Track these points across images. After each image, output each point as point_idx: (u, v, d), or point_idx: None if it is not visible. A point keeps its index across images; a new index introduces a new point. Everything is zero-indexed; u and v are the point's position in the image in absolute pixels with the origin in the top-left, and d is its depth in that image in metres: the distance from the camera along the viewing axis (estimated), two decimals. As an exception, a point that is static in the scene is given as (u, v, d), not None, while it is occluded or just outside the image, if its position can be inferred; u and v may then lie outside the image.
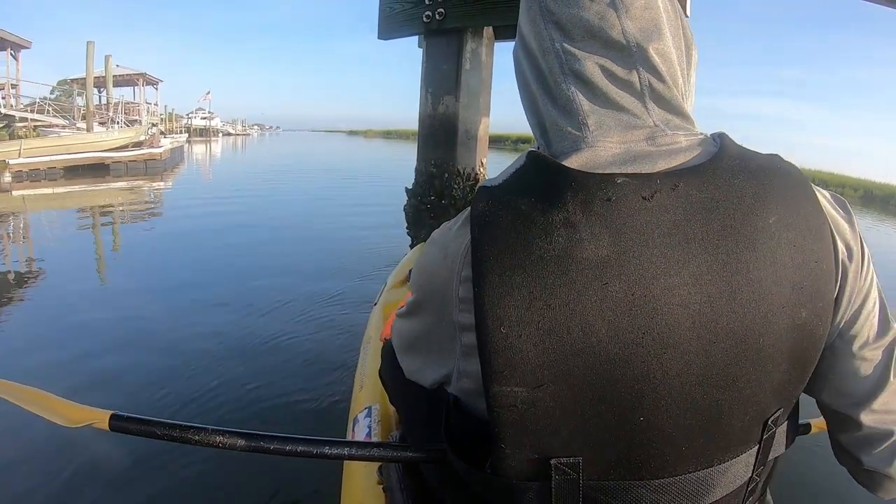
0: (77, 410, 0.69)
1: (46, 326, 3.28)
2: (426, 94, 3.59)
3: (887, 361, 0.53)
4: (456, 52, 3.36)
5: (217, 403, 2.30)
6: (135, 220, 7.42)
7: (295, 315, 3.41)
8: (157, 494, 1.71)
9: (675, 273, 0.43)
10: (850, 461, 0.58)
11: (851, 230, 0.51)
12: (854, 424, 0.54)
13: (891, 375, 0.53)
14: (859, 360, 0.53)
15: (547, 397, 0.43)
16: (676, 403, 0.44)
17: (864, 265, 0.51)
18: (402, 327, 0.63)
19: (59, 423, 0.68)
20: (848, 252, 0.50)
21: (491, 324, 0.42)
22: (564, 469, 0.45)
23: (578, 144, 0.49)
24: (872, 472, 0.55)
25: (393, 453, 0.69)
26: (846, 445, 0.57)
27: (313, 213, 8.04)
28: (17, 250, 5.49)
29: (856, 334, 0.52)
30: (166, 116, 28.17)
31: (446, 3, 3.32)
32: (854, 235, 0.51)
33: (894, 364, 0.53)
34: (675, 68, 0.51)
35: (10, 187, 10.21)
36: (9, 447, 1.89)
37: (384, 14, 3.75)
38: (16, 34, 16.33)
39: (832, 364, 0.53)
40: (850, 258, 0.50)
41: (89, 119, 16.52)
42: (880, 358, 0.53)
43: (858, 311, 0.52)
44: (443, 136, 3.47)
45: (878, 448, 0.54)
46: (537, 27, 0.52)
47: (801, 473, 1.91)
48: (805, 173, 0.49)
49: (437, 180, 3.48)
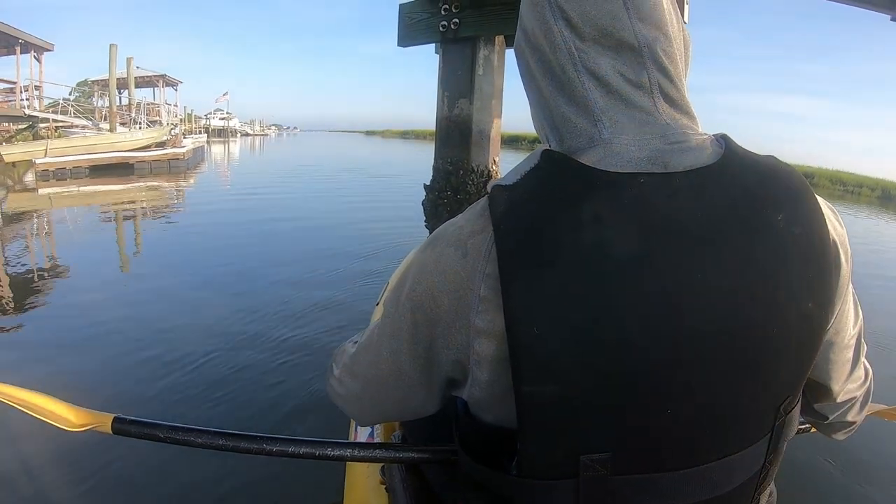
0: (79, 414, 0.69)
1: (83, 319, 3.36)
2: (443, 98, 3.87)
3: (858, 346, 0.59)
4: (470, 58, 3.63)
5: (214, 403, 2.32)
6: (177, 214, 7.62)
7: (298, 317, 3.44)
8: (159, 497, 1.72)
9: (698, 268, 0.43)
10: (818, 417, 0.66)
11: (840, 227, 0.53)
12: (829, 395, 0.61)
13: (860, 356, 0.60)
14: (844, 349, 0.58)
15: (579, 394, 0.43)
16: (702, 394, 0.45)
17: (850, 259, 0.53)
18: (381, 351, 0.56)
19: (61, 427, 0.68)
20: (841, 247, 0.52)
21: (523, 323, 0.42)
22: (593, 465, 0.45)
23: (593, 141, 0.49)
24: (834, 422, 0.66)
25: (395, 454, 0.68)
26: (818, 409, 0.64)
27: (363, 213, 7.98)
28: (42, 245, 5.63)
29: (843, 324, 0.56)
30: (185, 117, 28.30)
31: (461, 14, 3.60)
32: (842, 231, 0.53)
33: (862, 349, 0.60)
34: (679, 68, 0.52)
35: (36, 186, 10.37)
36: (8, 448, 1.88)
37: (404, 23, 4.03)
38: (39, 37, 16.51)
39: (824, 350, 0.55)
40: (843, 253, 0.52)
41: (112, 120, 16.78)
42: (854, 344, 0.59)
43: (845, 302, 0.55)
44: (458, 136, 3.76)
45: (842, 409, 0.64)
46: (546, 23, 0.51)
47: (801, 466, 2.03)
48: (824, 173, 0.59)
49: (453, 177, 3.77)
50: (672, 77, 0.51)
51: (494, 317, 0.46)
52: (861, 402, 0.65)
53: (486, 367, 0.48)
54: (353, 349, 0.62)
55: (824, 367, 0.58)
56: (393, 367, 0.55)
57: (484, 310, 0.46)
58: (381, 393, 0.59)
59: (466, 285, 0.47)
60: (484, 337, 0.47)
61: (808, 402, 0.63)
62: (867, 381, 0.64)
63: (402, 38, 4.02)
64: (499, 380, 0.47)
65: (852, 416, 0.65)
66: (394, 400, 0.59)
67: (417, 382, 0.55)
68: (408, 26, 3.92)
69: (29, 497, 1.71)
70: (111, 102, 17.34)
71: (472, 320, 0.47)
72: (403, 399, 0.58)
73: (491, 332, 0.46)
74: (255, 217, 7.21)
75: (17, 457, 1.85)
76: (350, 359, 0.62)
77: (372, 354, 0.58)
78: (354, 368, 0.61)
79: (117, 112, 17.75)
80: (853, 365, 0.60)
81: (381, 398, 0.60)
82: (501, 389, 0.47)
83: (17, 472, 1.79)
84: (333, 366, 0.66)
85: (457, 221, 0.52)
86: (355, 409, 0.65)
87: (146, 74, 22.97)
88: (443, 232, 0.53)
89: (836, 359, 0.58)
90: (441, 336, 0.50)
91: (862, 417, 0.67)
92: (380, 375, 0.57)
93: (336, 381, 0.65)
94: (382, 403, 0.60)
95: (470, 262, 0.47)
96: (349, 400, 0.64)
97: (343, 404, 0.66)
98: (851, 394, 0.62)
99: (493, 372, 0.48)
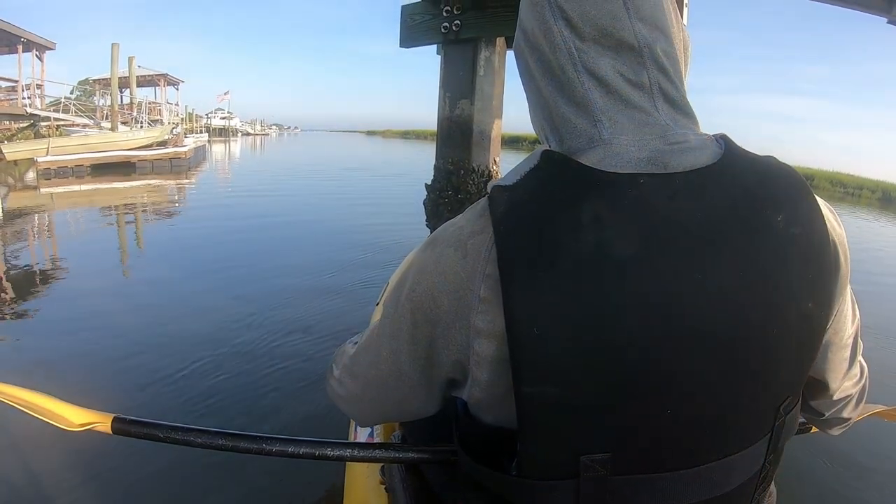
0: (79, 413, 0.68)
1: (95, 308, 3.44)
2: (444, 98, 3.92)
3: (855, 345, 0.60)
4: (471, 59, 3.68)
5: (211, 403, 2.32)
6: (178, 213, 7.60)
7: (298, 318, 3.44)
8: (159, 496, 1.72)
9: (698, 268, 0.44)
10: (814, 413, 0.67)
11: (839, 227, 0.53)
12: (826, 392, 0.62)
13: (857, 355, 0.61)
14: (842, 348, 0.58)
15: (579, 395, 0.43)
16: (702, 394, 0.45)
17: (849, 258, 0.54)
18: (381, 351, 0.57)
19: (61, 427, 0.67)
20: (840, 247, 0.52)
21: (524, 324, 0.42)
22: (593, 465, 0.45)
23: (593, 142, 0.49)
24: (830, 419, 0.67)
25: (395, 454, 0.68)
26: (815, 406, 0.65)
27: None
28: (42, 243, 5.65)
29: (841, 324, 0.56)
30: (186, 116, 28.33)
31: (462, 16, 3.65)
32: (841, 231, 0.53)
33: (859, 347, 0.61)
34: (679, 69, 0.52)
35: (38, 184, 10.34)
36: (8, 448, 1.88)
37: (406, 25, 4.09)
38: (41, 36, 16.54)
39: (823, 349, 0.56)
40: (841, 252, 0.52)
41: (114, 119, 16.80)
42: (851, 343, 0.59)
43: (844, 302, 0.55)
44: (459, 136, 3.81)
45: (838, 406, 0.65)
46: (546, 23, 0.51)
47: (801, 466, 2.04)
48: (824, 175, 0.58)
49: (454, 176, 3.82)
50: (672, 77, 0.51)
51: (494, 317, 0.46)
52: (857, 398, 0.65)
53: (486, 367, 0.48)
54: (353, 350, 0.63)
55: (822, 365, 0.58)
56: (393, 368, 0.56)
57: (484, 310, 0.46)
58: (381, 393, 0.59)
59: (466, 286, 0.47)
60: (484, 337, 0.47)
61: (804, 399, 0.63)
62: (863, 379, 0.65)
63: (405, 40, 4.08)
64: (499, 380, 0.47)
65: (848, 412, 0.66)
66: (394, 400, 0.59)
67: (417, 383, 0.55)
68: (410, 27, 3.97)
69: (29, 497, 1.71)
70: (112, 101, 17.36)
71: (472, 321, 0.47)
72: (403, 399, 0.58)
73: (491, 333, 0.46)
74: (256, 217, 7.24)
75: (16, 456, 1.85)
76: (350, 359, 0.63)
77: (372, 355, 0.58)
78: (354, 369, 0.61)
79: (119, 111, 17.78)
80: (850, 363, 0.60)
81: (381, 399, 0.60)
82: (501, 390, 0.47)
83: (18, 472, 1.80)
84: (333, 367, 0.67)
85: (456, 222, 0.52)
86: (355, 410, 0.65)
87: (147, 73, 22.96)
88: (442, 232, 0.52)
89: (833, 357, 0.58)
90: (441, 336, 0.50)
91: (857, 413, 0.68)
92: (380, 376, 0.57)
93: (336, 382, 0.65)
94: (382, 404, 0.60)
95: (470, 262, 0.47)
96: (349, 400, 0.64)
97: (343, 405, 0.66)
98: (847, 391, 0.63)
99: (493, 372, 0.48)
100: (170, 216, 7.46)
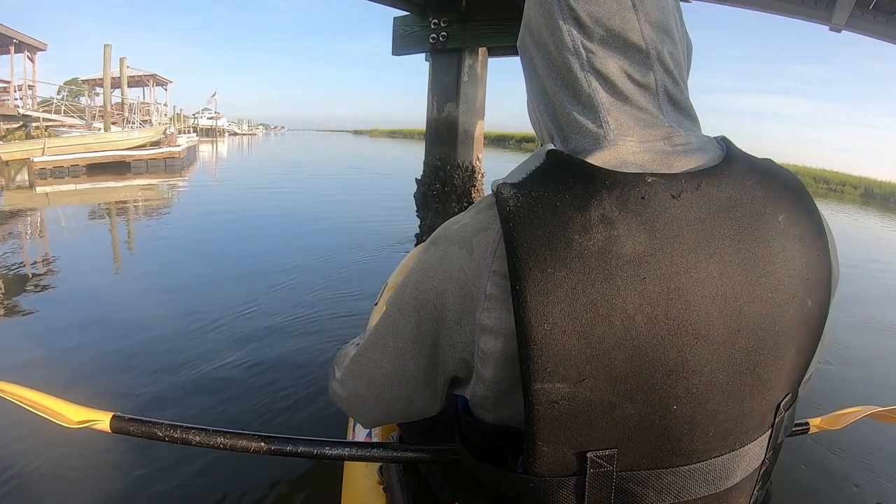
0: (78, 411, 0.68)
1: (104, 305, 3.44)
2: (432, 101, 4.38)
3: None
4: (456, 67, 4.13)
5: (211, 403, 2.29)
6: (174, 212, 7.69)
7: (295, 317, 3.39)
8: (157, 495, 1.70)
9: (703, 267, 0.44)
10: None
11: (827, 226, 0.53)
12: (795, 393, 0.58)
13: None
14: (823, 345, 0.56)
15: (587, 391, 0.43)
16: (706, 391, 0.45)
17: (837, 257, 0.53)
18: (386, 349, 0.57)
19: (60, 424, 0.67)
20: (831, 245, 0.52)
21: (535, 321, 0.42)
22: (600, 462, 0.45)
23: (600, 142, 0.49)
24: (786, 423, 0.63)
25: (393, 453, 0.68)
26: None
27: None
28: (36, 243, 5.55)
29: (830, 321, 0.55)
30: (174, 116, 28.04)
31: (449, 28, 4.08)
32: (829, 230, 0.53)
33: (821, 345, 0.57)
34: (683, 70, 0.53)
35: (33, 184, 10.25)
36: (8, 447, 1.87)
37: (398, 34, 4.54)
38: (32, 37, 16.54)
39: None
40: (831, 250, 0.52)
41: (107, 119, 16.86)
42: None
43: (833, 298, 0.54)
44: (446, 135, 4.26)
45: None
46: (553, 22, 0.51)
47: (799, 466, 2.07)
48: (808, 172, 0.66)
49: (441, 171, 4.29)
50: (677, 79, 0.51)
51: (501, 314, 0.46)
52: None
53: (492, 364, 0.48)
54: (355, 351, 0.62)
55: None
56: (397, 367, 0.56)
57: (490, 307, 0.46)
58: (384, 393, 0.59)
59: (472, 283, 0.47)
60: (490, 334, 0.47)
61: None
62: (811, 381, 0.65)
63: (396, 48, 4.53)
64: (504, 377, 0.48)
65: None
66: (397, 400, 0.58)
67: (422, 382, 0.55)
68: (401, 37, 4.43)
69: (29, 497, 1.70)
70: (105, 102, 17.37)
71: (478, 318, 0.47)
72: (407, 399, 0.58)
73: (498, 330, 0.46)
74: (250, 214, 7.33)
75: (16, 456, 1.84)
76: (352, 360, 0.62)
77: (375, 354, 0.58)
78: (357, 370, 0.61)
79: (111, 111, 17.83)
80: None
81: (385, 398, 0.59)
82: (506, 387, 0.49)
83: (17, 472, 1.78)
84: (336, 369, 0.66)
85: (460, 220, 0.52)
86: (359, 411, 0.64)
87: (136, 74, 22.81)
88: (445, 231, 0.52)
89: (817, 354, 0.57)
90: (446, 334, 0.51)
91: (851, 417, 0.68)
92: (384, 375, 0.57)
93: (338, 384, 0.64)
94: (386, 404, 0.60)
95: (476, 259, 0.47)
96: (352, 402, 0.64)
97: (346, 407, 0.65)
98: (804, 389, 0.62)
99: (498, 369, 0.48)
100: (161, 215, 7.55)
